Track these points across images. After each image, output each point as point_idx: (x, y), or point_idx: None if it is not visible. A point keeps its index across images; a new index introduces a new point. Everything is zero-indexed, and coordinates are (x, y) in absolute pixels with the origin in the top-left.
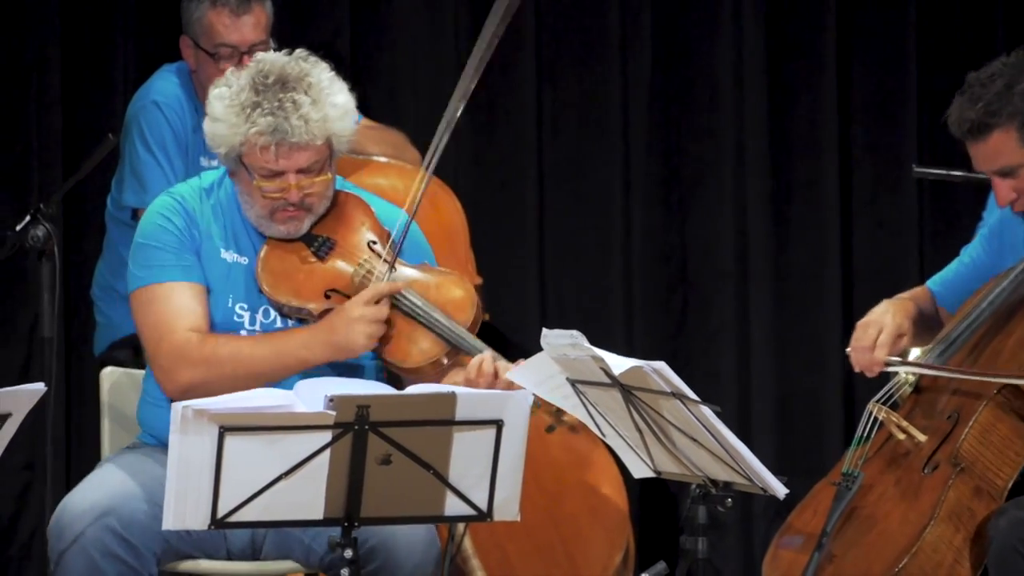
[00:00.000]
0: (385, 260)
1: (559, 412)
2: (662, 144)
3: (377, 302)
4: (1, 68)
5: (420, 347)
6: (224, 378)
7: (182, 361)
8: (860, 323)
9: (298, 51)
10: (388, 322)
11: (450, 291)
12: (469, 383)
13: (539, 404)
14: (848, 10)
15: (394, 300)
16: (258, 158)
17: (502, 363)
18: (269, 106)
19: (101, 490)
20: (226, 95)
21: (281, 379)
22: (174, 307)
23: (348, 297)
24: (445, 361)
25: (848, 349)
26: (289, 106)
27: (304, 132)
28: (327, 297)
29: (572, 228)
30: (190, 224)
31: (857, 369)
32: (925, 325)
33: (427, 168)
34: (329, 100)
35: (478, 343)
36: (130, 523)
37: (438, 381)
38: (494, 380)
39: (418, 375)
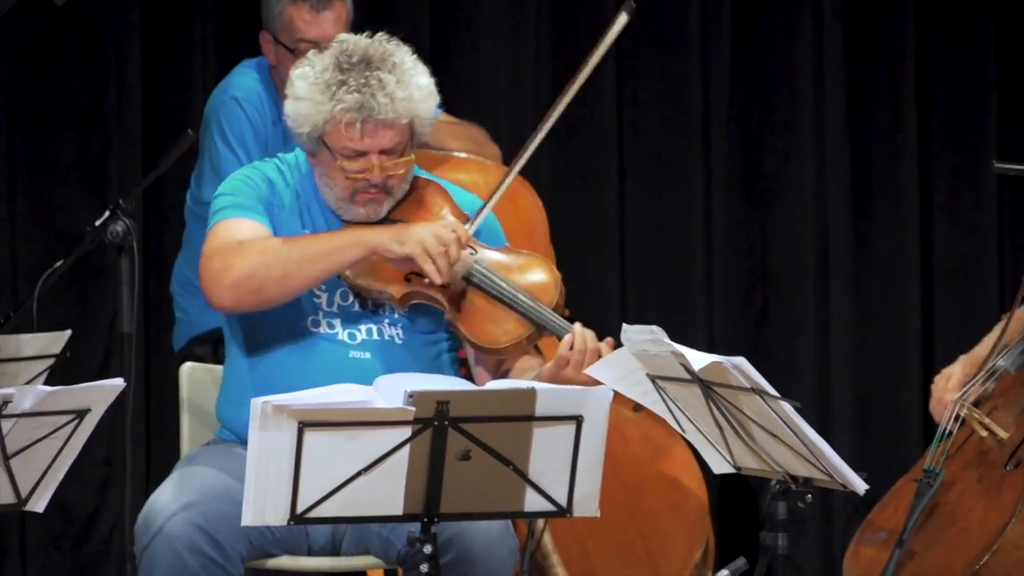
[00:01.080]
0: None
1: None
2: (742, 140)
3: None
4: (81, 64)
5: (505, 328)
6: (276, 263)
7: (235, 254)
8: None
9: (380, 34)
10: (473, 303)
11: (534, 272)
12: (561, 361)
13: None
14: (927, 5)
15: (478, 281)
16: (342, 136)
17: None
18: (355, 83)
19: (187, 486)
20: (309, 74)
21: (334, 266)
22: (237, 230)
23: (429, 281)
24: (529, 343)
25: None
26: (375, 83)
27: (390, 110)
28: (408, 280)
29: (652, 224)
30: (269, 188)
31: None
32: None
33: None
34: (414, 80)
35: (563, 323)
36: (215, 519)
37: (513, 359)
38: (595, 353)
39: (501, 355)
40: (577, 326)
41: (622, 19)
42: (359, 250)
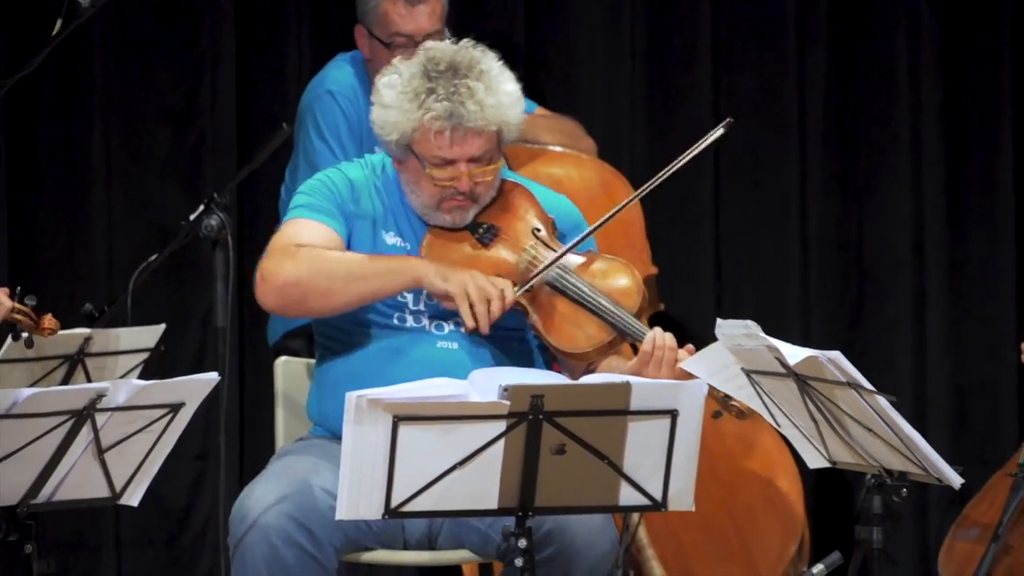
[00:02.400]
0: (548, 247)
1: (727, 397)
2: (838, 134)
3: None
4: (176, 58)
5: (586, 333)
6: (321, 275)
7: (286, 258)
8: None
9: (464, 40)
10: (555, 307)
11: (616, 277)
12: (644, 357)
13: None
14: None
15: (560, 286)
16: (431, 145)
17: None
18: (444, 92)
19: (282, 479)
20: (397, 83)
21: (376, 291)
22: (301, 232)
23: (514, 284)
24: (610, 347)
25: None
26: (464, 91)
27: (480, 117)
28: None
29: (748, 218)
30: (351, 192)
31: None
32: None
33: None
34: (502, 87)
35: (645, 329)
36: (309, 511)
37: (602, 358)
38: (674, 351)
39: (582, 360)
40: (657, 329)
41: (719, 132)
42: (405, 278)
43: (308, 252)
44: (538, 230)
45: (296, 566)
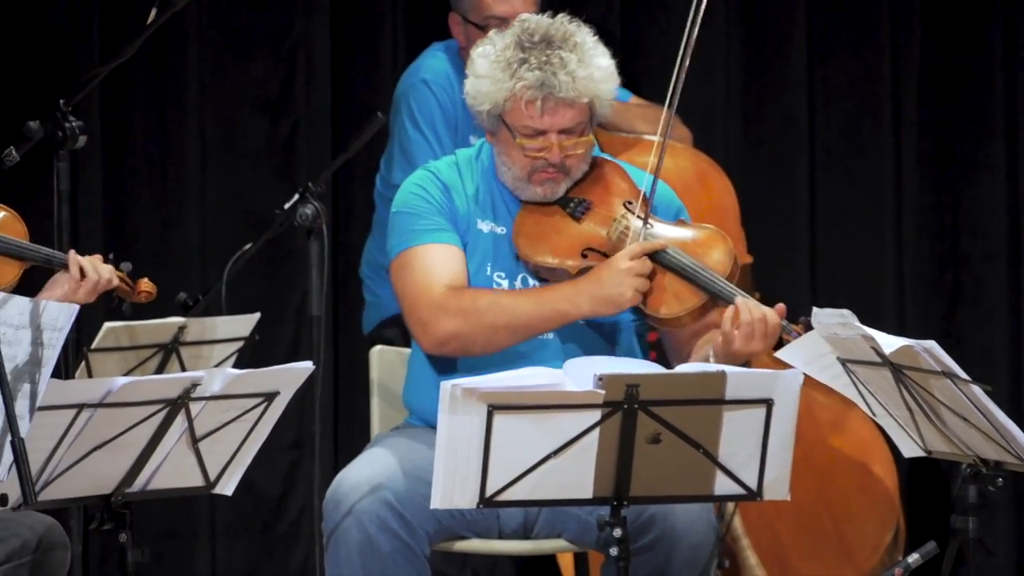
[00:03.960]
0: (638, 216)
1: None
2: (934, 122)
3: (642, 257)
4: (271, 47)
5: (680, 298)
6: (482, 328)
7: (440, 312)
8: None
9: (561, 14)
10: (650, 275)
11: (708, 244)
12: (727, 339)
13: None
14: None
15: (654, 253)
16: (522, 114)
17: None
18: (536, 62)
19: (376, 466)
20: (491, 53)
21: (539, 333)
22: (431, 265)
23: (606, 256)
24: (704, 311)
25: None
26: (556, 62)
27: (571, 88)
28: (584, 256)
29: (843, 207)
30: (445, 194)
31: None
32: None
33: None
34: (594, 60)
35: (737, 292)
36: (404, 499)
37: (696, 332)
38: (763, 319)
39: (677, 326)
40: (738, 298)
41: None
42: (568, 319)
43: (459, 302)
44: (629, 203)
45: (390, 553)
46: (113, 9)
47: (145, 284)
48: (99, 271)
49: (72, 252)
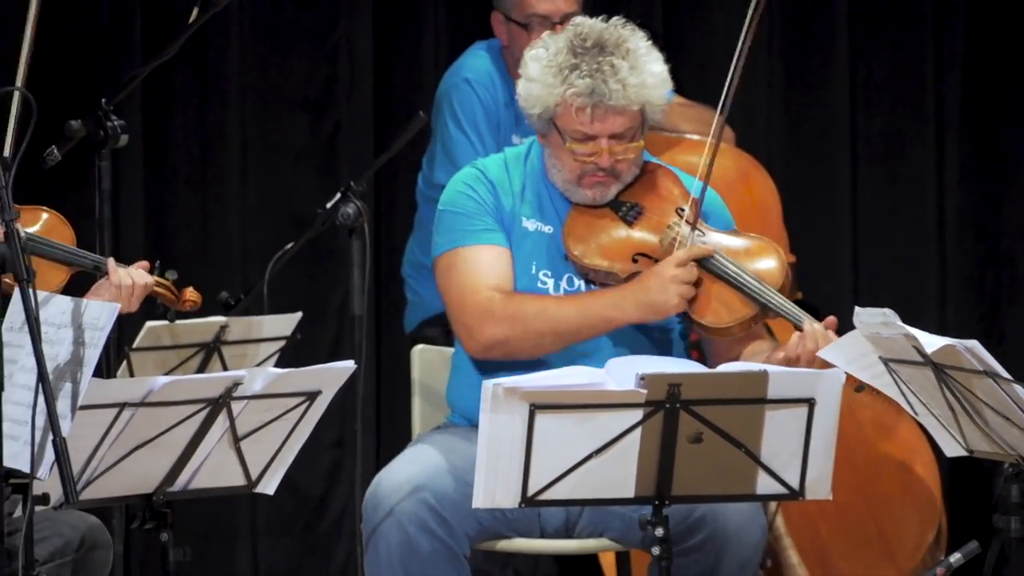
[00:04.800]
0: (687, 222)
1: None
2: (976, 122)
3: (688, 264)
4: (313, 46)
5: (730, 308)
6: (528, 335)
7: (486, 317)
8: None
9: (615, 18)
10: (698, 283)
11: (760, 254)
12: (790, 360)
13: None
14: None
15: (704, 262)
16: (572, 120)
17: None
18: (587, 68)
19: (416, 466)
20: (543, 56)
21: (585, 339)
22: (477, 268)
23: (656, 261)
24: (753, 323)
25: None
26: (607, 69)
27: (621, 96)
28: (634, 261)
29: (885, 206)
30: (492, 193)
31: None
32: None
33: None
34: (647, 67)
35: (789, 305)
36: (444, 498)
37: (740, 340)
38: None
39: (725, 335)
40: (807, 323)
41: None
42: (612, 328)
43: (504, 307)
44: (681, 209)
45: (430, 554)
46: (155, 8)
47: (190, 293)
48: (132, 276)
49: (111, 260)
